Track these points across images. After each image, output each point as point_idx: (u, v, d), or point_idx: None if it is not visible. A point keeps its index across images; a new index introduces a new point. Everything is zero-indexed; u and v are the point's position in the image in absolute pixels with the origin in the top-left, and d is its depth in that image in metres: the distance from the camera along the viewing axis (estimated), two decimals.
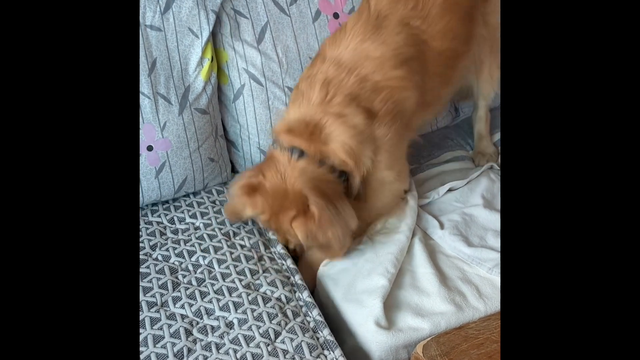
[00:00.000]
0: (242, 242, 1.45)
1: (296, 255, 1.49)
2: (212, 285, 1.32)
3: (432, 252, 1.47)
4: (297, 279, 1.38)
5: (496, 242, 1.47)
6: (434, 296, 1.35)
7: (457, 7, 1.50)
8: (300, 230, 1.34)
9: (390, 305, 1.33)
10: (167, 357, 1.17)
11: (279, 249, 1.46)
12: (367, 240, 1.48)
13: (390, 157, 1.45)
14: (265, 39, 1.59)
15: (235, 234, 1.47)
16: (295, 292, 1.35)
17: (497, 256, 1.42)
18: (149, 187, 1.52)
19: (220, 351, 1.19)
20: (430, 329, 1.31)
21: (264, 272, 1.37)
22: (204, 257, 1.39)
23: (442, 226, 1.52)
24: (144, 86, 1.46)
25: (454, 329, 1.28)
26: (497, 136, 1.89)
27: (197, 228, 1.49)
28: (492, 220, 1.53)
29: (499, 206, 1.58)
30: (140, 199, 1.52)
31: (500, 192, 1.61)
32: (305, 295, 1.34)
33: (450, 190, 1.64)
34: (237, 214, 1.43)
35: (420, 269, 1.41)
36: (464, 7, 1.53)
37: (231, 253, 1.41)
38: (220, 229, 1.48)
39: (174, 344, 1.19)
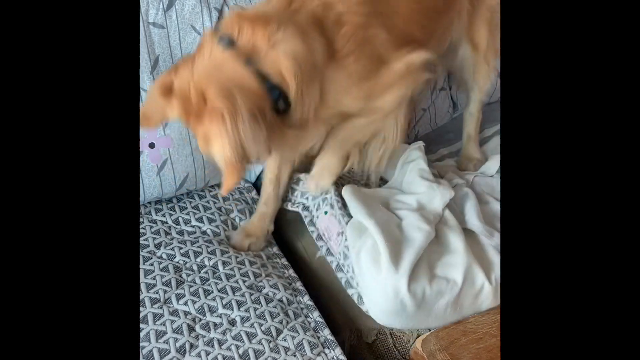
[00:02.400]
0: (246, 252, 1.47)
1: None
2: (216, 284, 1.33)
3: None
4: (299, 285, 1.40)
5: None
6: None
7: None
8: (200, 141, 1.12)
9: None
10: (170, 352, 1.18)
11: (283, 260, 1.49)
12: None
13: (363, 90, 1.27)
14: None
15: None
16: (296, 296, 1.37)
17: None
18: (151, 184, 1.53)
19: (222, 347, 1.21)
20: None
21: (266, 276, 1.39)
22: (210, 259, 1.40)
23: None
24: (147, 83, 1.46)
25: (453, 324, 1.30)
26: (491, 130, 1.89)
27: (204, 232, 1.50)
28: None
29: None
30: (142, 196, 1.53)
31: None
32: (306, 299, 1.36)
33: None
34: (152, 120, 1.20)
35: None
36: None
37: (236, 257, 1.42)
38: (228, 238, 1.50)
39: (176, 340, 1.21)
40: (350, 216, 1.43)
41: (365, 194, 1.48)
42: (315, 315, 1.32)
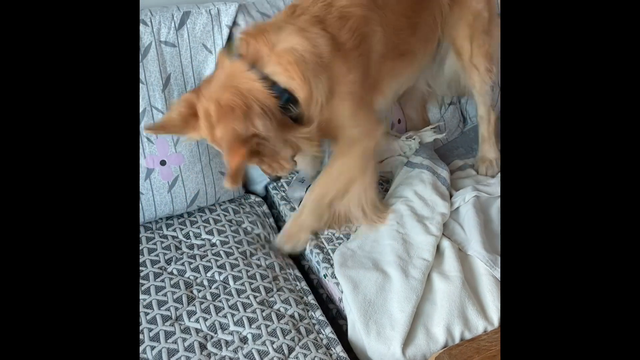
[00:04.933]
0: (258, 262, 1.45)
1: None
2: (227, 300, 1.33)
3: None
4: (310, 299, 1.40)
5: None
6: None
7: None
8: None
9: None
10: None
11: (295, 271, 1.48)
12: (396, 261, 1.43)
13: (353, 108, 1.34)
14: None
15: (252, 254, 1.47)
16: (308, 310, 1.36)
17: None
18: (162, 201, 1.54)
19: None
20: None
21: (278, 290, 1.38)
22: (220, 273, 1.40)
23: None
24: (158, 101, 1.48)
25: (466, 341, 1.28)
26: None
27: (213, 245, 1.50)
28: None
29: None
30: (153, 213, 1.54)
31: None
32: (318, 314, 1.35)
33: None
34: (169, 130, 1.32)
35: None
36: None
37: (247, 271, 1.41)
38: (237, 248, 1.48)
39: (188, 358, 1.20)
40: None
41: (355, 255, 1.46)
42: (328, 331, 1.31)
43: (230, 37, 1.54)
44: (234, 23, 1.53)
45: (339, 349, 1.26)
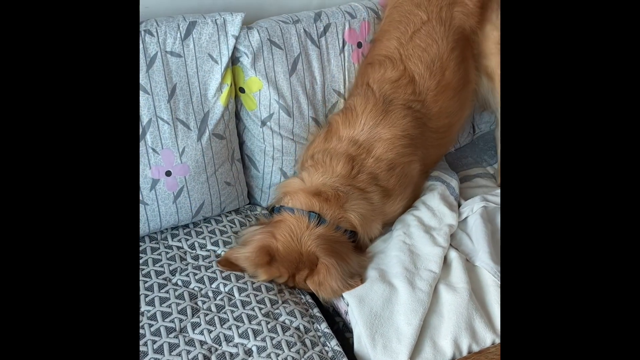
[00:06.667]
0: None
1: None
2: (232, 312, 1.32)
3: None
4: (316, 311, 1.39)
5: None
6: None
7: (448, 89, 1.68)
8: (314, 286, 1.44)
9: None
10: None
11: None
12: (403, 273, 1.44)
13: (399, 210, 1.66)
14: (297, 71, 1.63)
15: None
16: (313, 323, 1.35)
17: None
18: (167, 212, 1.53)
19: None
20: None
21: (283, 302, 1.37)
22: (225, 285, 1.39)
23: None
24: (164, 112, 1.47)
25: (474, 354, 1.28)
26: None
27: (219, 256, 1.49)
28: None
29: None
30: (158, 223, 1.54)
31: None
32: (324, 326, 1.34)
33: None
34: (236, 268, 1.47)
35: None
36: (454, 88, 1.69)
37: (252, 283, 1.41)
38: None
39: None
40: None
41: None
42: (333, 343, 1.30)
43: (254, 52, 1.55)
44: (240, 32, 1.54)
45: None
